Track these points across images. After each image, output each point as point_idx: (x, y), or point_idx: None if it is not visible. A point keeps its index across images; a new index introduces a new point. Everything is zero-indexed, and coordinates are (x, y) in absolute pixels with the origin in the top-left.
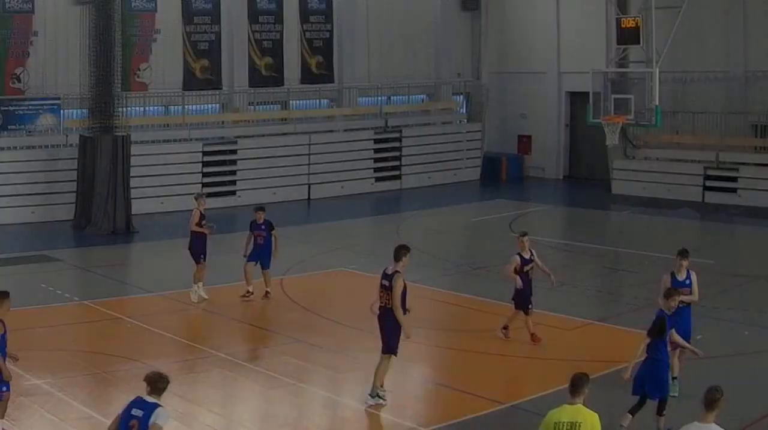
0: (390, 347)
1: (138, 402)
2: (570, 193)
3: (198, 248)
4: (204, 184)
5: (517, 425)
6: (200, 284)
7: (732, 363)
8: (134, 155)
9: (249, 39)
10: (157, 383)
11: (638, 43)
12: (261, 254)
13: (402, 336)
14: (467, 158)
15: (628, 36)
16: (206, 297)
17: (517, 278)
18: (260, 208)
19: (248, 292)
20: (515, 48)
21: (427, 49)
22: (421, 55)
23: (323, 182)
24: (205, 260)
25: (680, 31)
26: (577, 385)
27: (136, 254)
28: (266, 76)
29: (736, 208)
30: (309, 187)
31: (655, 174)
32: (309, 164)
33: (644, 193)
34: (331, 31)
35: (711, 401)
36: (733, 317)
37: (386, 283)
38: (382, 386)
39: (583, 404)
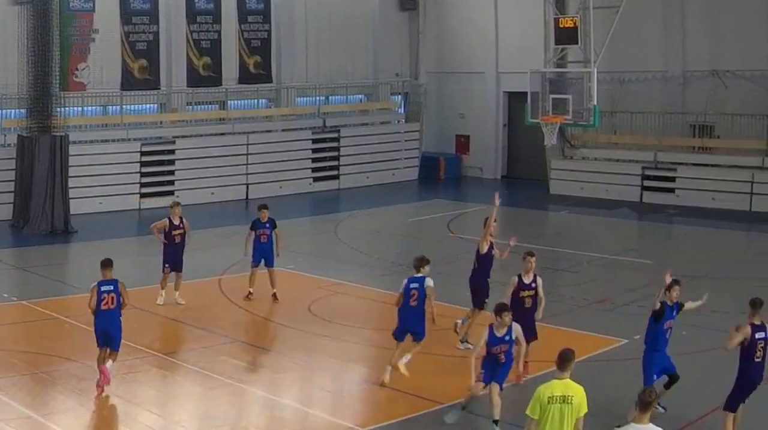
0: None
1: (412, 279)
2: (508, 193)
3: (164, 256)
4: (142, 184)
5: (454, 424)
6: (163, 293)
7: None
8: (72, 155)
9: (187, 39)
10: (420, 262)
11: (576, 43)
12: (265, 253)
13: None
14: (405, 158)
15: (566, 36)
16: (160, 304)
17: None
18: (264, 206)
19: (251, 293)
20: (453, 48)
21: (366, 49)
22: (359, 55)
23: (261, 182)
24: (170, 271)
25: (618, 31)
26: (565, 360)
27: (75, 254)
28: (204, 76)
29: (674, 208)
30: (247, 187)
31: (593, 174)
32: (247, 164)
33: (582, 194)
34: (269, 32)
35: (645, 402)
36: None
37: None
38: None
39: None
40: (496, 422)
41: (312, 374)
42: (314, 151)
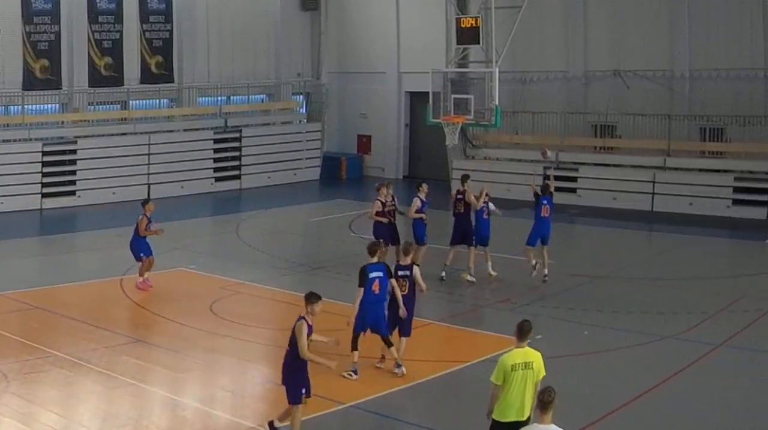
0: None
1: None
2: (409, 194)
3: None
4: (44, 185)
5: (356, 425)
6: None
7: (572, 363)
8: None
9: (89, 39)
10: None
11: (478, 42)
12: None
13: None
14: (307, 158)
15: (467, 36)
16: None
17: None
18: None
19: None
20: (355, 48)
21: (267, 49)
22: (261, 55)
23: (163, 182)
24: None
25: (520, 31)
26: (523, 331)
27: None
28: (106, 76)
29: (575, 208)
30: (149, 187)
31: (494, 174)
32: (149, 164)
33: None
34: (170, 31)
35: (545, 402)
36: (573, 317)
37: None
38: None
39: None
40: None
41: (213, 373)
42: (216, 151)
